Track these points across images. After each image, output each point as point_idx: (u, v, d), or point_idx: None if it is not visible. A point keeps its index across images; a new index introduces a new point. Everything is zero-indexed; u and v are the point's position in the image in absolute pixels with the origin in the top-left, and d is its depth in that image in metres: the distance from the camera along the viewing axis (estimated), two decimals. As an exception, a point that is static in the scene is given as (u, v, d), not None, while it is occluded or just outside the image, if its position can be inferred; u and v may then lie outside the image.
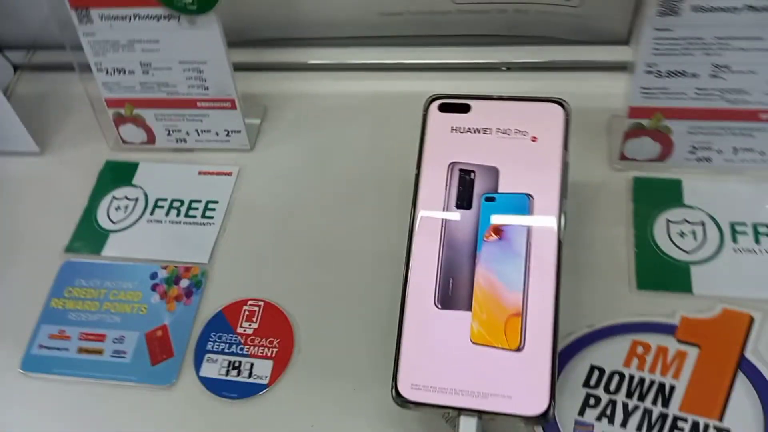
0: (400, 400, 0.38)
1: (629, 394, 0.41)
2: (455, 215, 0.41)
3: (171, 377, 0.47)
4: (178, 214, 0.54)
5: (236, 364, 0.47)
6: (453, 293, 0.39)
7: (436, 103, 0.44)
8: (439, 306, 0.39)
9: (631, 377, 0.42)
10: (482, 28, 0.56)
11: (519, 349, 0.37)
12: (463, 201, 0.41)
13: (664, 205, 0.48)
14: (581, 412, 0.41)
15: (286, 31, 0.59)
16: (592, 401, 0.41)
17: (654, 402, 0.41)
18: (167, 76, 0.52)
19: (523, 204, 0.40)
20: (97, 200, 0.56)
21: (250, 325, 0.48)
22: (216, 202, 0.55)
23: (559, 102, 0.43)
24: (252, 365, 0.47)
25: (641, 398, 0.41)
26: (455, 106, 0.43)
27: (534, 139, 0.42)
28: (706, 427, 0.39)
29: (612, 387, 0.42)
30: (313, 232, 0.52)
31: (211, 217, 0.54)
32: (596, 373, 0.42)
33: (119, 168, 0.58)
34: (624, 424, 0.40)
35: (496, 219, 0.40)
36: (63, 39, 0.52)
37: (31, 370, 0.49)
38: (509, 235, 0.40)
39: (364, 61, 0.59)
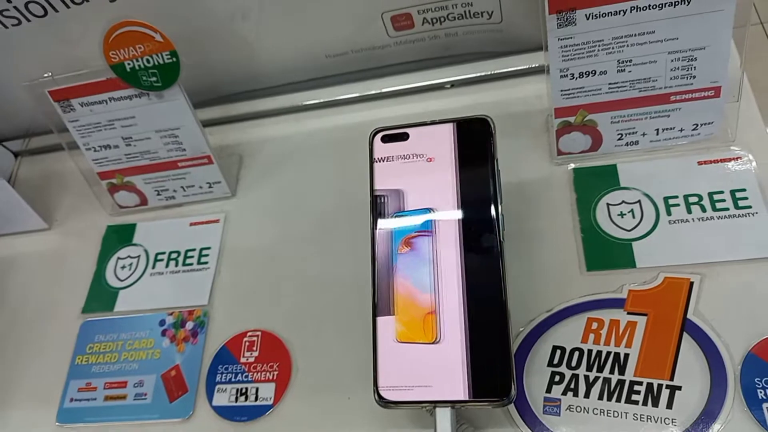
0: (382, 402, 0.42)
1: (589, 367, 0.45)
2: (381, 235, 0.45)
3: (188, 410, 0.51)
4: (176, 264, 0.59)
5: (243, 390, 0.51)
6: (380, 302, 0.44)
7: (379, 135, 0.48)
8: (377, 314, 0.44)
9: (590, 351, 0.45)
10: (420, 54, 0.59)
11: (436, 342, 0.42)
12: (382, 222, 0.46)
13: (603, 190, 0.51)
14: (548, 389, 0.44)
15: (248, 84, 0.63)
16: (557, 378, 0.45)
17: (611, 371, 0.44)
18: (148, 145, 0.57)
19: (426, 216, 0.45)
20: (104, 262, 0.61)
21: (251, 354, 0.52)
22: (209, 248, 0.59)
23: (483, 118, 0.46)
24: (257, 389, 0.51)
25: (600, 369, 0.44)
26: (395, 135, 0.47)
27: (466, 155, 0.46)
28: (660, 387, 0.43)
29: (573, 363, 0.45)
30: (298, 263, 0.56)
31: (206, 263, 0.58)
32: (558, 352, 0.46)
33: (120, 230, 0.63)
34: (587, 394, 0.44)
35: (405, 233, 0.45)
36: (51, 126, 0.57)
37: (66, 422, 0.53)
38: (417, 245, 0.44)
39: (319, 100, 0.63)
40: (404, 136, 0.47)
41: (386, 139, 0.47)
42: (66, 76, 0.53)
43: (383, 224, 0.45)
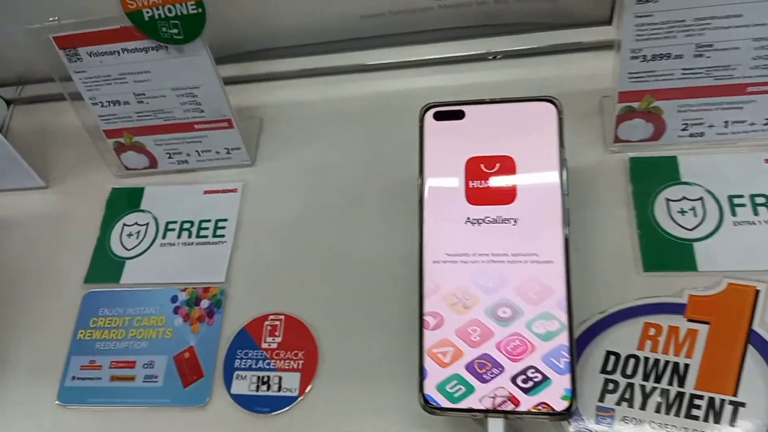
0: (428, 407, 0.37)
1: (646, 377, 0.40)
2: (432, 222, 0.40)
3: (204, 397, 0.46)
4: (189, 236, 0.53)
5: (265, 379, 0.46)
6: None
7: (431, 111, 0.42)
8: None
9: (646, 359, 0.41)
10: (463, 21, 0.53)
11: None
12: (432, 208, 0.40)
13: (663, 184, 0.46)
14: (601, 398, 0.40)
15: (272, 41, 0.56)
16: (610, 386, 0.41)
17: (670, 382, 0.40)
18: (162, 104, 0.50)
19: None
20: (109, 228, 0.54)
21: (273, 339, 0.47)
22: (225, 220, 0.53)
23: (551, 100, 0.41)
24: (280, 378, 0.46)
25: (657, 379, 0.40)
26: (449, 113, 0.41)
27: (529, 140, 0.40)
28: (722, 402, 0.39)
29: (629, 371, 0.41)
30: (323, 241, 0.50)
31: (223, 236, 0.52)
32: (612, 358, 0.41)
33: (126, 194, 0.56)
34: (643, 406, 0.40)
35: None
36: (53, 75, 0.49)
37: (68, 402, 0.48)
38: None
39: (351, 63, 0.56)
40: (459, 114, 0.41)
41: (439, 116, 0.42)
42: (74, 22, 0.45)
43: (434, 211, 0.40)
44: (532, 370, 0.36)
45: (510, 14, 0.52)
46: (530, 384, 0.36)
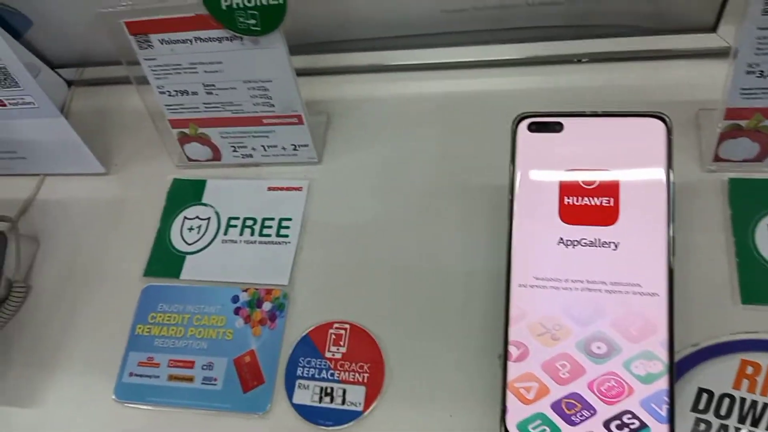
0: (511, 440, 0.35)
1: (741, 419, 0.37)
2: (522, 241, 0.37)
3: (264, 404, 0.44)
4: (252, 233, 0.50)
5: (328, 390, 0.44)
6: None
7: (525, 122, 0.38)
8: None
9: (743, 400, 0.38)
10: (552, 20, 0.49)
11: None
12: (524, 226, 0.37)
13: (766, 209, 0.43)
14: (692, 439, 0.38)
15: (344, 33, 0.53)
16: (702, 427, 0.38)
17: (769, 427, 0.37)
18: (231, 96, 0.47)
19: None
20: (169, 220, 0.53)
21: (338, 349, 0.45)
22: (289, 219, 0.50)
23: (660, 116, 0.37)
24: (344, 391, 0.44)
25: (755, 423, 0.37)
26: (546, 124, 0.38)
27: (634, 158, 0.37)
28: (828, 454, 0.36)
29: (723, 411, 0.38)
30: (394, 248, 0.47)
31: (287, 236, 0.50)
32: (705, 396, 0.38)
33: (188, 186, 0.54)
34: (739, 451, 0.37)
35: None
36: (120, 57, 0.47)
37: (125, 398, 0.46)
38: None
39: (428, 61, 0.52)
40: (557, 127, 0.38)
41: (534, 128, 0.38)
42: (147, 8, 0.43)
43: (524, 228, 0.37)
44: (629, 416, 0.33)
45: (602, 15, 0.48)
46: (626, 431, 0.33)
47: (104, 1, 0.44)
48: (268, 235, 0.50)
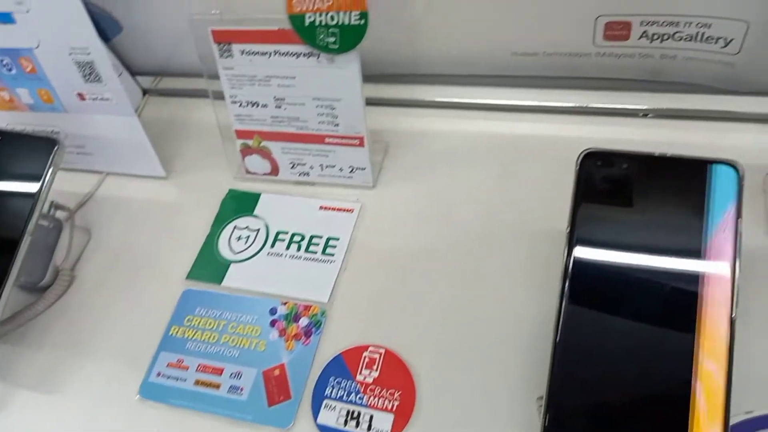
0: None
1: (799, 498, 0.34)
2: (578, 285, 0.35)
3: (288, 420, 0.43)
4: (298, 249, 0.50)
5: (355, 414, 0.42)
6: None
7: (591, 158, 0.38)
8: None
9: (801, 478, 0.35)
10: (621, 72, 0.49)
11: None
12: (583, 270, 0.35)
13: (835, 281, 0.40)
14: None
15: (412, 67, 0.54)
16: (755, 502, 0.35)
17: None
18: (299, 112, 0.48)
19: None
20: (219, 228, 0.53)
21: (370, 372, 0.44)
22: (337, 239, 0.50)
23: (731, 164, 0.36)
24: (371, 417, 0.42)
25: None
26: (611, 162, 0.37)
27: (702, 205, 0.36)
28: None
29: (779, 487, 0.35)
30: (438, 280, 0.46)
31: (332, 254, 0.49)
32: (759, 468, 0.35)
33: (242, 198, 0.54)
34: None
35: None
36: (203, 69, 0.49)
37: (149, 397, 0.45)
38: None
39: (491, 101, 0.53)
40: (621, 165, 0.37)
41: (599, 164, 0.38)
42: (234, 18, 0.45)
43: (586, 273, 0.36)
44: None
45: (674, 71, 0.47)
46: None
47: (184, 11, 0.46)
48: (314, 252, 0.50)
